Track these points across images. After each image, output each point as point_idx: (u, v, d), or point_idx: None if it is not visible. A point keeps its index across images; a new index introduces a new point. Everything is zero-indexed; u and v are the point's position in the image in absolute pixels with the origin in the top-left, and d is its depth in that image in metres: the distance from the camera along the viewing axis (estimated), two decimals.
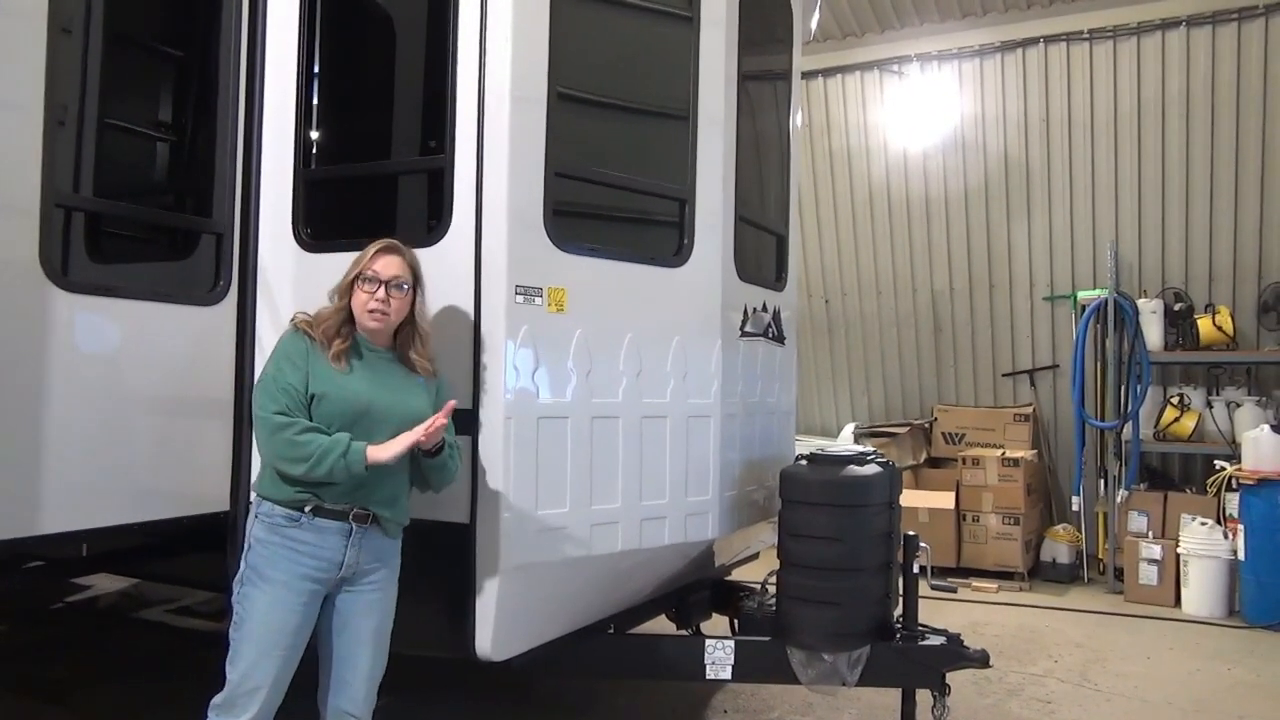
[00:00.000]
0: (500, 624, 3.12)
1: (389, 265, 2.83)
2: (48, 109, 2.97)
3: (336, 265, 3.33)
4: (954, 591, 6.87)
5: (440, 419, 2.76)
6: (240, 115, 3.54)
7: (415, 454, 2.84)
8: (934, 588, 5.45)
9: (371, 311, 2.81)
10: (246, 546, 2.79)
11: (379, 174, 3.69)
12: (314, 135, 3.52)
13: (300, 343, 2.80)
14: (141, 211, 3.67)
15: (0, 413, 2.83)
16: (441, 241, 3.19)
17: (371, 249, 2.86)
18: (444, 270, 3.16)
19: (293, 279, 3.43)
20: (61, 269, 2.99)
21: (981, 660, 3.68)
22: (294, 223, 3.46)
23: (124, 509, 3.19)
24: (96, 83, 3.34)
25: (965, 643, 3.73)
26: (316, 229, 3.48)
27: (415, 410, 2.83)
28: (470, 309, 3.13)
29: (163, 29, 3.77)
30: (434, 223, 3.26)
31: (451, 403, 2.83)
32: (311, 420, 2.71)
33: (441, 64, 3.27)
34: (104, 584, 6.46)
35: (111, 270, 3.42)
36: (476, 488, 3.11)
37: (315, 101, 3.53)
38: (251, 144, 3.53)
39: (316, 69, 3.54)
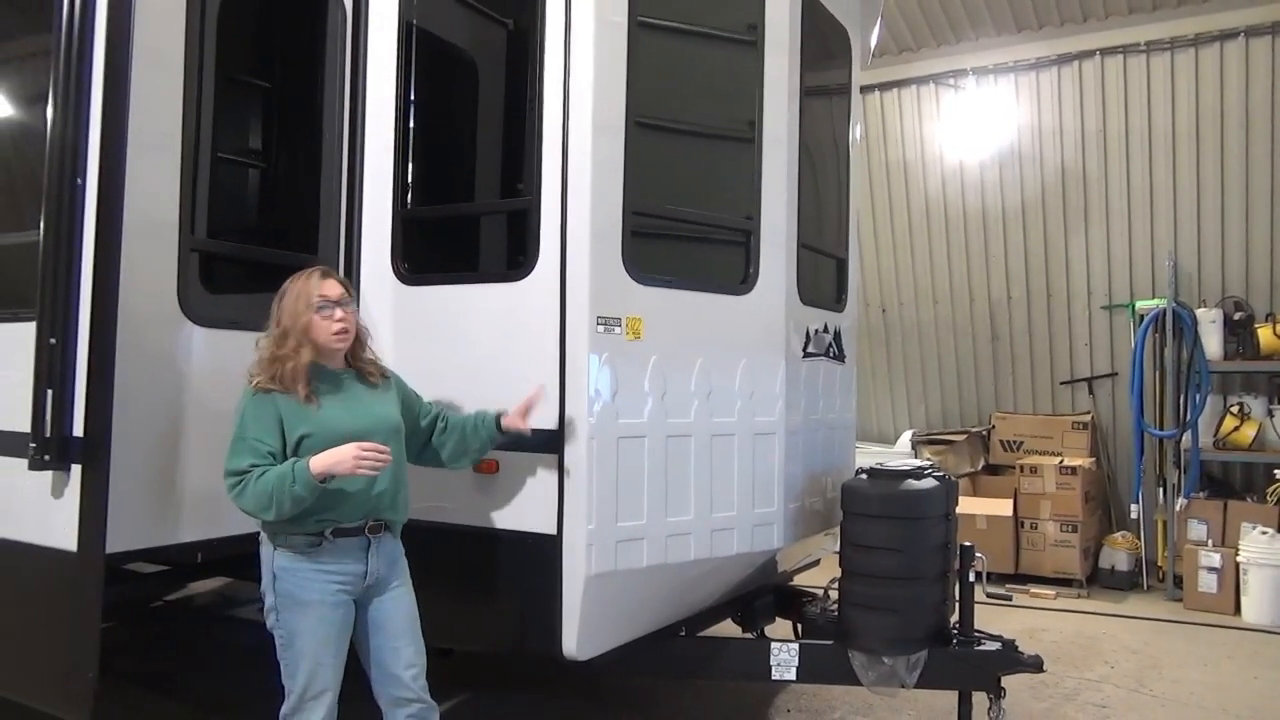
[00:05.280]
0: (584, 626, 3.38)
1: (333, 287, 2.99)
2: (183, 156, 3.31)
3: (432, 297, 3.68)
4: (1009, 599, 6.94)
5: (536, 395, 3.28)
6: (344, 157, 3.87)
7: (481, 426, 3.27)
8: (989, 595, 5.57)
9: (338, 333, 2.96)
10: (271, 577, 2.92)
11: (471, 214, 3.96)
12: (410, 176, 3.82)
13: (264, 403, 2.86)
14: (258, 251, 4.01)
15: (152, 435, 3.20)
16: (529, 277, 3.47)
17: (314, 280, 2.98)
18: (531, 303, 3.46)
19: (392, 310, 3.74)
20: (194, 306, 3.34)
21: (1035, 665, 3.85)
22: (393, 258, 3.77)
23: (239, 519, 3.53)
24: (218, 128, 3.66)
25: (1019, 648, 3.91)
26: (413, 263, 3.79)
27: (389, 417, 3.07)
28: (555, 339, 3.40)
29: (272, 76, 4.10)
30: (520, 259, 3.54)
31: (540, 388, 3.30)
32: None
33: (525, 109, 3.53)
34: (199, 584, 6.86)
35: (231, 303, 3.76)
36: (563, 501, 3.39)
37: (411, 144, 3.83)
38: (354, 184, 3.87)
39: (412, 114, 3.83)
